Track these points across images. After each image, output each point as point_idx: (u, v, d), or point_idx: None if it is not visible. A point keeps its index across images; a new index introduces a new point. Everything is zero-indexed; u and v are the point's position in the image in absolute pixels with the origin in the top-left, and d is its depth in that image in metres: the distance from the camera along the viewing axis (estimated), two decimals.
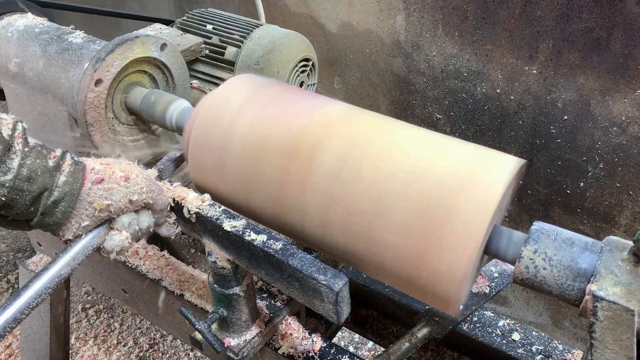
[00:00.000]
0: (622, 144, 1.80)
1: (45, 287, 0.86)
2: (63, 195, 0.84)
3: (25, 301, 0.83)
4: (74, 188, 0.85)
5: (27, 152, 0.82)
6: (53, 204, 0.84)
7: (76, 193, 0.86)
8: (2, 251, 2.89)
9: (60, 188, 0.84)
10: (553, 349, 1.26)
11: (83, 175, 0.87)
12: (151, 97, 1.25)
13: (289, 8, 2.44)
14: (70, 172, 0.86)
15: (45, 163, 0.83)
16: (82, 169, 0.88)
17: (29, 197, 0.81)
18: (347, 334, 2.55)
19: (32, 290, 0.84)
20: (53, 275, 0.87)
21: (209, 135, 1.05)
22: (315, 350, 1.17)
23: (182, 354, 2.46)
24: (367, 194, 0.88)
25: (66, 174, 0.85)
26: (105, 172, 0.90)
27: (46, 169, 0.83)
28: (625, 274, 0.76)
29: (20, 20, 1.39)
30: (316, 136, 0.95)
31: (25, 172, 0.81)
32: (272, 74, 1.58)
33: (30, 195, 0.81)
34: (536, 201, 2.10)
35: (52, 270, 0.87)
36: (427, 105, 2.22)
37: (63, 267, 0.88)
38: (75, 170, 0.87)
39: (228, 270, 1.02)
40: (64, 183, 0.85)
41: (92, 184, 0.87)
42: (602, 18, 1.66)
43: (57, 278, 0.87)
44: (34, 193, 0.82)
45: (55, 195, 0.84)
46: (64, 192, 0.85)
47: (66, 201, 0.85)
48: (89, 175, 0.88)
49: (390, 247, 0.87)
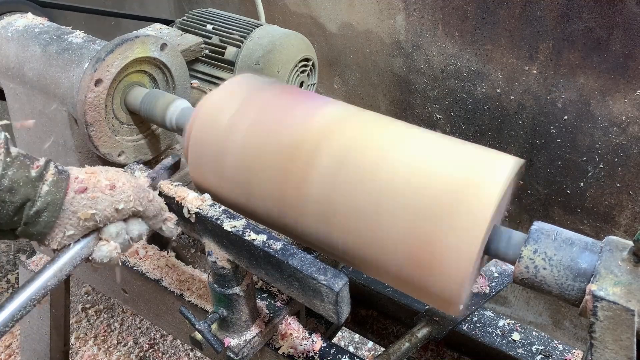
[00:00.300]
0: (622, 144, 1.80)
1: (30, 298, 0.84)
2: (46, 206, 0.83)
3: (10, 314, 0.82)
4: (57, 198, 0.84)
5: (8, 163, 0.81)
6: (35, 214, 0.83)
7: (59, 203, 0.85)
8: (2, 251, 2.89)
9: (42, 198, 0.83)
10: (553, 349, 1.26)
11: (67, 185, 0.86)
12: (151, 97, 1.25)
13: (289, 8, 2.44)
14: (53, 181, 0.85)
15: (27, 173, 0.82)
16: (66, 179, 0.87)
17: (11, 208, 0.81)
18: (347, 334, 2.55)
19: (16, 302, 0.83)
20: (39, 287, 0.85)
21: (209, 136, 1.05)
22: (315, 350, 1.17)
23: (182, 354, 2.46)
24: (366, 195, 0.88)
25: (49, 183, 0.84)
26: (90, 180, 0.89)
27: (28, 179, 0.82)
28: (625, 274, 0.76)
29: (20, 20, 1.39)
30: (315, 138, 0.95)
31: (6, 182, 0.80)
32: (272, 74, 1.58)
33: (13, 206, 0.81)
34: (536, 201, 2.10)
35: (39, 280, 0.86)
36: (427, 105, 2.22)
37: (50, 279, 0.87)
38: (58, 180, 0.86)
39: (228, 270, 1.02)
40: (46, 193, 0.84)
41: (75, 193, 0.86)
42: (602, 18, 1.66)
43: (44, 289, 0.86)
44: (16, 204, 0.81)
45: (38, 206, 0.83)
46: (47, 202, 0.84)
47: (49, 211, 0.84)
48: (72, 185, 0.87)
49: (390, 248, 0.87)
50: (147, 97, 1.25)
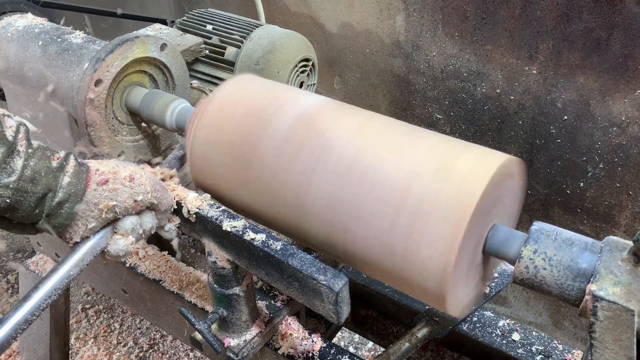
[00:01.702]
0: (622, 144, 1.80)
1: (54, 288, 0.86)
2: (67, 196, 0.85)
3: (36, 303, 0.84)
4: (78, 189, 0.86)
5: (30, 154, 0.82)
6: (58, 205, 0.84)
7: (80, 194, 0.86)
8: (1, 251, 2.89)
9: (64, 189, 0.84)
10: (553, 349, 1.26)
11: (87, 177, 0.87)
12: (151, 97, 1.25)
13: (289, 8, 2.44)
14: (74, 173, 0.86)
15: (48, 164, 0.83)
16: (87, 171, 0.88)
17: (33, 199, 0.82)
18: (347, 334, 2.55)
19: (42, 291, 0.85)
20: (62, 277, 0.87)
21: (210, 137, 1.05)
22: (315, 350, 1.17)
23: (182, 354, 2.46)
24: (351, 187, 0.88)
25: (70, 175, 0.85)
26: (110, 173, 0.90)
27: (49, 169, 0.83)
28: (625, 274, 0.76)
29: (20, 20, 1.39)
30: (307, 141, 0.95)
31: (28, 173, 0.81)
32: (272, 74, 1.58)
33: (35, 196, 0.82)
34: (536, 201, 2.10)
35: (61, 271, 0.88)
36: (427, 106, 2.22)
37: (72, 268, 0.88)
38: (79, 172, 0.87)
39: (228, 270, 1.02)
40: (68, 184, 0.85)
41: (97, 185, 0.87)
42: (602, 18, 1.66)
43: (67, 279, 0.88)
44: (38, 194, 0.82)
45: (60, 196, 0.84)
46: (69, 193, 0.85)
47: (71, 202, 0.85)
48: (93, 177, 0.88)
49: (375, 242, 0.87)
50: (147, 97, 1.25)
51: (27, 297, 0.84)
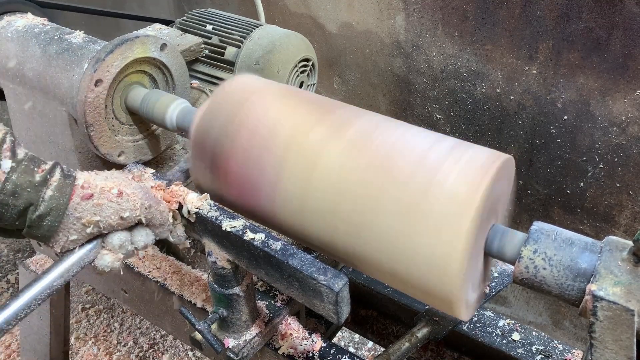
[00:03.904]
0: (622, 144, 1.80)
1: (35, 298, 0.85)
2: (49, 210, 0.84)
3: (14, 311, 0.83)
4: (60, 203, 0.85)
5: (13, 167, 0.81)
6: (38, 218, 0.83)
7: (62, 208, 0.85)
8: (1, 251, 2.89)
9: (46, 202, 0.83)
10: (553, 349, 1.26)
11: (71, 190, 0.86)
12: (151, 97, 1.24)
13: (289, 8, 2.44)
14: (57, 187, 0.85)
15: (31, 178, 0.83)
16: (71, 184, 0.87)
17: (14, 211, 0.81)
18: (347, 334, 2.55)
19: (20, 301, 0.84)
20: (45, 287, 0.86)
21: (211, 138, 1.05)
22: (315, 350, 1.17)
23: (182, 354, 2.46)
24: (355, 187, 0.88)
25: (53, 188, 0.84)
26: (97, 187, 0.89)
27: (31, 184, 0.82)
28: (625, 274, 0.76)
29: (20, 20, 1.39)
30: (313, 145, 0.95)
31: (9, 186, 0.80)
32: (272, 74, 1.58)
33: (16, 209, 0.81)
34: (536, 201, 2.10)
35: (45, 281, 0.87)
36: (427, 106, 2.22)
37: (56, 279, 0.87)
38: (63, 185, 0.86)
39: (228, 270, 1.02)
40: (50, 197, 0.84)
41: (80, 199, 0.86)
42: (602, 18, 1.66)
43: (49, 289, 0.87)
44: (19, 207, 0.81)
45: (41, 210, 0.83)
46: (50, 206, 0.84)
47: (52, 216, 0.84)
48: (78, 190, 0.87)
49: (382, 245, 0.87)
50: (147, 97, 1.25)
51: (4, 306, 0.83)
